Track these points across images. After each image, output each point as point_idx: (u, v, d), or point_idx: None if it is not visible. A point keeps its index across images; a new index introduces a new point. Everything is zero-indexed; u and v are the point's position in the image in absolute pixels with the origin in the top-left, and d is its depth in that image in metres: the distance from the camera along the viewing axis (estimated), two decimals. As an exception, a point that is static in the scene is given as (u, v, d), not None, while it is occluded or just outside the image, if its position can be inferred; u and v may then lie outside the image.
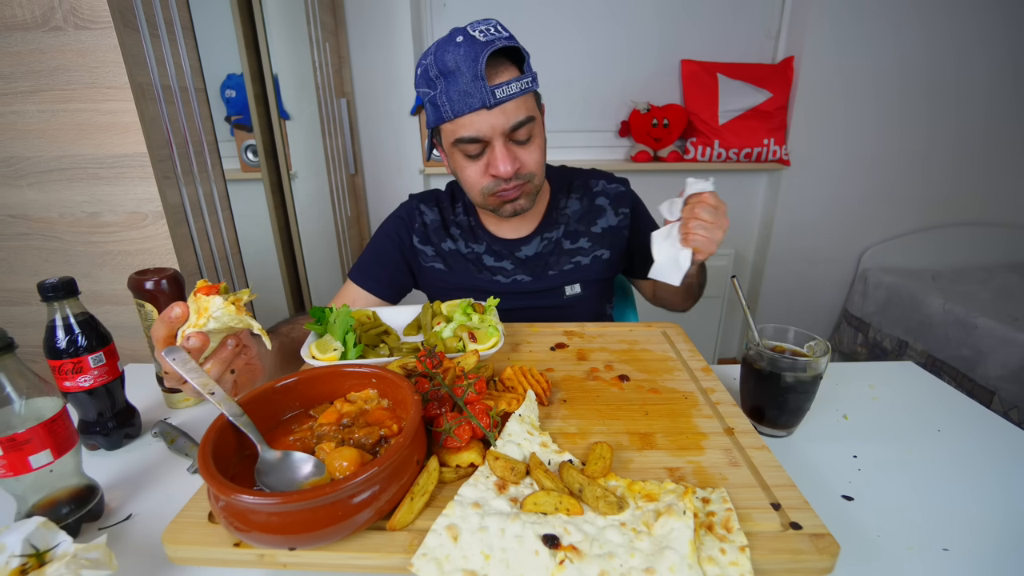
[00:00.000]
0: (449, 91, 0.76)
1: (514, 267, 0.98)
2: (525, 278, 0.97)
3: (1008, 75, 2.13)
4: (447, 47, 0.75)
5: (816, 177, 2.24)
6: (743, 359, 0.66)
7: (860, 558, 0.46)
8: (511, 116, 0.78)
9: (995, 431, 0.65)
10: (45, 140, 1.01)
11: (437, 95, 0.77)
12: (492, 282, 0.98)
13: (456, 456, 0.48)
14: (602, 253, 0.99)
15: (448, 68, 0.75)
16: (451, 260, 0.99)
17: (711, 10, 2.13)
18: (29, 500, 0.48)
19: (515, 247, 0.98)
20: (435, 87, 0.77)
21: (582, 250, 0.98)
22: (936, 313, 1.96)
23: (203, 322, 0.49)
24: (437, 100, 0.77)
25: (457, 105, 0.76)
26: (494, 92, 0.75)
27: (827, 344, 0.61)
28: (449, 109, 0.77)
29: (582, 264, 0.98)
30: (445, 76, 0.76)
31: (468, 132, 0.78)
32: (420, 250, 1.00)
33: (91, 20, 0.92)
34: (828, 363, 0.62)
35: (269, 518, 0.37)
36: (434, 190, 1.06)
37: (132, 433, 0.65)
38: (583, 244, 0.98)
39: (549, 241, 0.98)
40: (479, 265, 0.99)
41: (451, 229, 1.00)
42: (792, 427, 0.64)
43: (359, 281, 0.99)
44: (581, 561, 0.37)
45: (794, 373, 0.60)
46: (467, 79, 0.74)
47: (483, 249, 0.99)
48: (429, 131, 0.88)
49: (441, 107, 0.77)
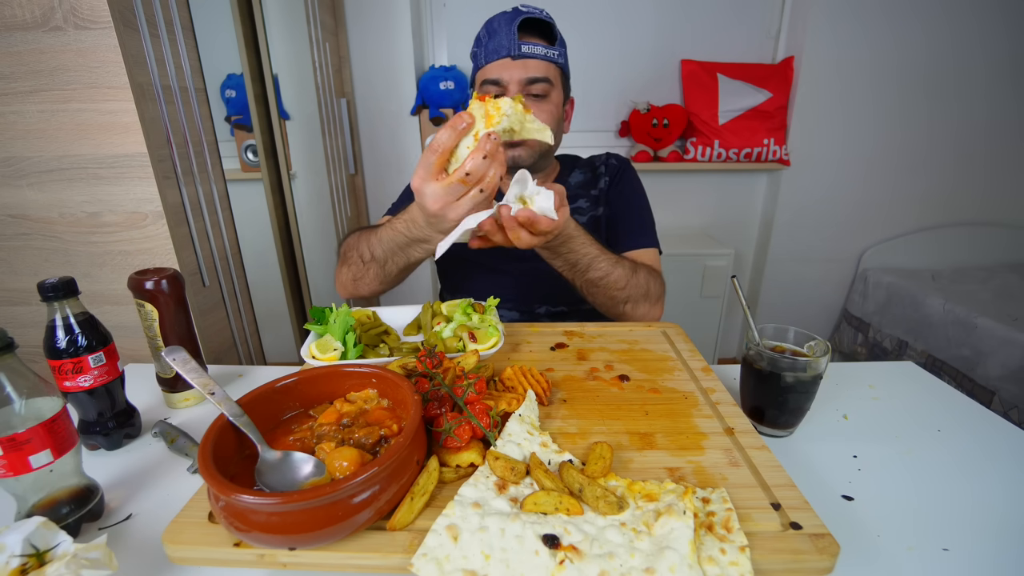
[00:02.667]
0: (488, 45, 0.92)
1: None
2: None
3: (1008, 76, 2.13)
4: (499, 15, 0.93)
5: (816, 177, 2.24)
6: (743, 359, 0.66)
7: (860, 558, 0.46)
8: (530, 70, 0.92)
9: (995, 431, 0.65)
10: (45, 140, 1.01)
11: (480, 50, 0.94)
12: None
13: (456, 456, 0.48)
14: (598, 210, 1.08)
15: (492, 28, 0.92)
16: None
17: (711, 10, 2.13)
18: (29, 500, 0.48)
19: None
20: (481, 45, 0.94)
21: (580, 209, 1.07)
22: (936, 313, 1.96)
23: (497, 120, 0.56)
24: (477, 52, 0.95)
25: (490, 53, 0.92)
26: (520, 46, 0.90)
27: (827, 344, 0.61)
28: (483, 58, 0.93)
29: (580, 221, 1.02)
30: (488, 35, 0.93)
31: (493, 75, 0.92)
32: None
33: (91, 20, 0.92)
34: (828, 363, 0.62)
35: (269, 518, 0.37)
36: None
37: (132, 433, 0.65)
38: (581, 204, 1.08)
39: None
40: None
41: None
42: (792, 427, 0.64)
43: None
44: (581, 561, 0.37)
45: (794, 373, 0.60)
46: (503, 35, 0.90)
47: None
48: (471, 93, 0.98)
49: (479, 57, 0.94)
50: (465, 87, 2.12)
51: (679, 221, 2.37)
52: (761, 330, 0.66)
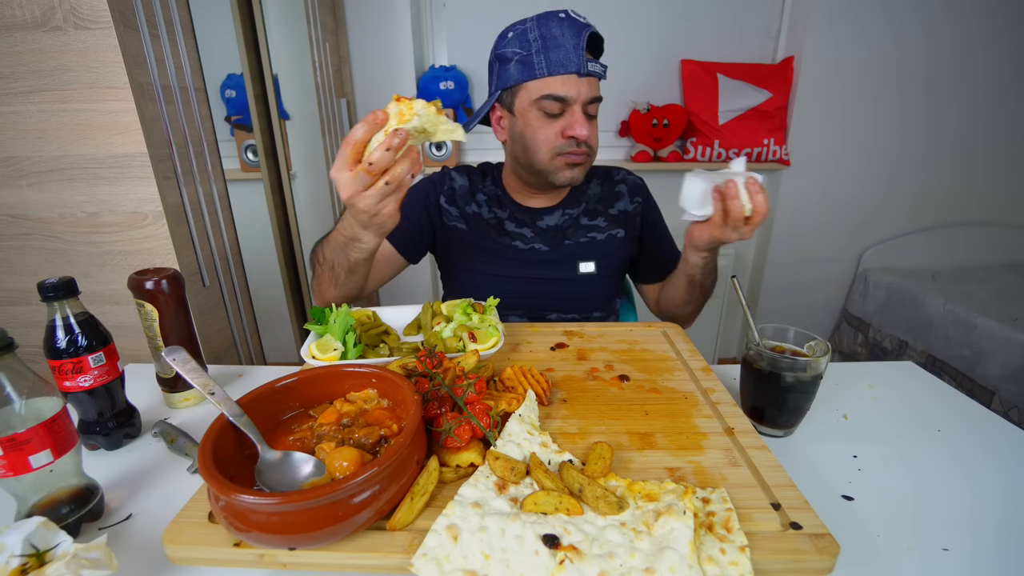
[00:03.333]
0: (548, 53, 0.85)
1: (533, 235, 1.03)
2: (542, 247, 1.02)
3: (1007, 76, 2.13)
4: (551, 19, 0.86)
5: (816, 177, 2.24)
6: (743, 359, 0.66)
7: (860, 558, 0.46)
8: (593, 89, 0.89)
9: (995, 431, 0.65)
10: (45, 140, 1.01)
11: (533, 55, 0.86)
12: (510, 247, 1.02)
13: (456, 456, 0.48)
14: (617, 232, 1.05)
15: (552, 34, 0.85)
16: (473, 223, 1.04)
17: (711, 10, 2.13)
18: (29, 500, 0.48)
19: (537, 216, 1.04)
20: (531, 48, 0.86)
21: (598, 227, 1.04)
22: (936, 313, 1.96)
23: (408, 118, 0.57)
24: (532, 59, 0.86)
25: (554, 65, 0.85)
26: (587, 64, 0.86)
27: (827, 344, 0.61)
28: (545, 67, 0.86)
29: (597, 240, 1.03)
30: (546, 40, 0.85)
31: (558, 91, 0.86)
32: (445, 209, 1.04)
33: (91, 20, 0.92)
34: (828, 363, 0.62)
35: (269, 518, 0.37)
36: (466, 165, 1.12)
37: (132, 433, 0.65)
38: (600, 223, 1.05)
39: (570, 216, 1.04)
40: (500, 229, 1.03)
41: (477, 196, 1.06)
42: (792, 427, 0.64)
43: None
44: (581, 561, 0.37)
45: (794, 373, 0.60)
46: (569, 47, 0.84)
47: (506, 215, 1.04)
48: (496, 92, 0.94)
49: (536, 65, 0.86)
50: (465, 87, 2.12)
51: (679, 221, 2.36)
52: (761, 330, 0.66)
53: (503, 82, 0.91)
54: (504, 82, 0.91)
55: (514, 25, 0.90)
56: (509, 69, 0.89)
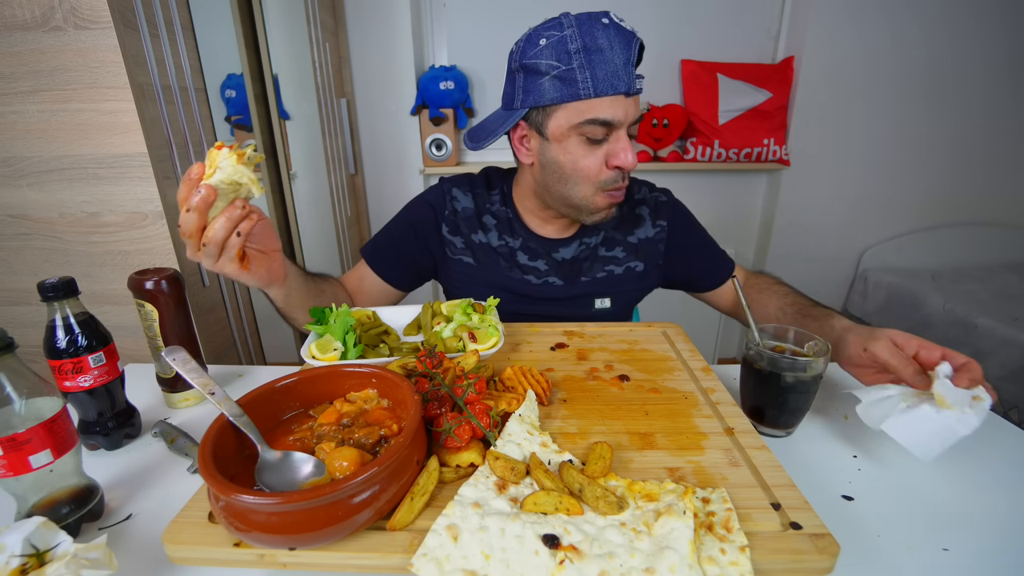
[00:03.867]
0: (595, 68, 0.72)
1: (547, 268, 0.93)
2: (557, 281, 0.93)
3: (1007, 75, 2.13)
4: (595, 25, 0.72)
5: (816, 177, 2.24)
6: (743, 359, 0.66)
7: (860, 558, 0.46)
8: (638, 109, 0.78)
9: (995, 431, 0.65)
10: (45, 140, 1.01)
11: (575, 70, 0.73)
12: (522, 281, 0.93)
13: (456, 456, 0.48)
14: (636, 265, 0.95)
15: (599, 45, 0.72)
16: (480, 254, 0.94)
17: (711, 10, 2.13)
18: (29, 500, 0.48)
19: (553, 247, 0.94)
20: (571, 61, 0.73)
21: (616, 259, 0.94)
22: (936, 313, 1.96)
23: (211, 172, 0.51)
24: (574, 75, 0.73)
25: (602, 84, 0.72)
26: (636, 81, 0.74)
27: (827, 344, 0.61)
28: (591, 86, 0.73)
29: (615, 274, 0.94)
30: (591, 53, 0.72)
31: (606, 114, 0.74)
32: (449, 240, 0.95)
33: (91, 20, 0.92)
34: (828, 363, 0.62)
35: (269, 518, 0.37)
36: (467, 174, 0.99)
37: (132, 433, 0.65)
38: (617, 253, 0.94)
39: (587, 246, 0.94)
40: (511, 261, 0.94)
41: (484, 218, 0.95)
42: (792, 427, 0.64)
43: (372, 262, 0.96)
44: (581, 561, 0.37)
45: (794, 373, 0.60)
46: (619, 61, 0.72)
47: (518, 244, 0.94)
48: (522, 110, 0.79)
49: (580, 83, 0.73)
50: (465, 87, 2.12)
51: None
52: (761, 330, 0.66)
53: (534, 99, 0.77)
54: (535, 99, 0.77)
55: (546, 28, 0.75)
56: (543, 85, 0.75)
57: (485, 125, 0.87)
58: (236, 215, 0.54)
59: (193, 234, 0.54)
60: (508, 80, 0.82)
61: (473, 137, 0.87)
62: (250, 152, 0.53)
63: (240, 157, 0.52)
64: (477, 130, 0.88)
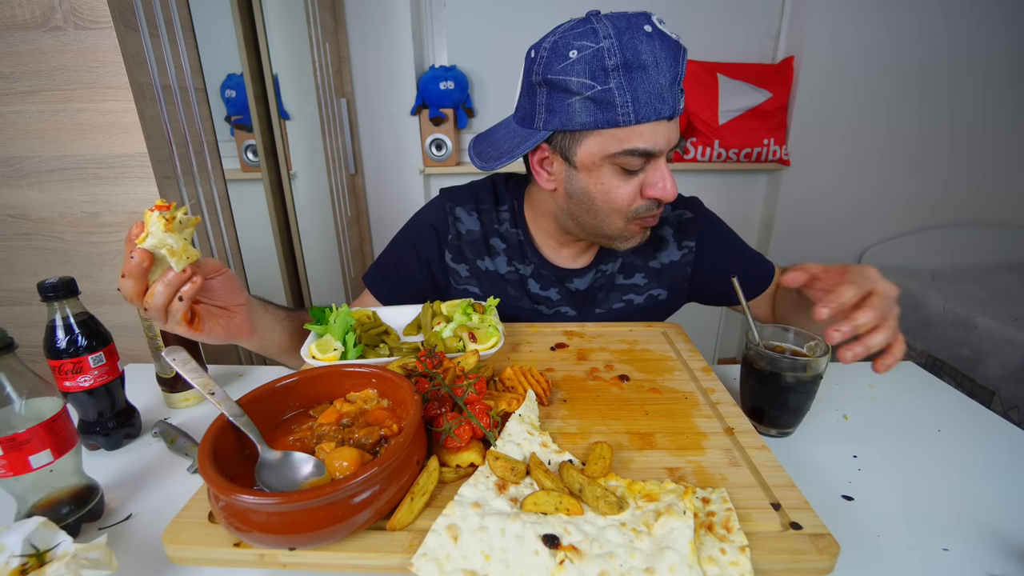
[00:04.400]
0: (636, 90, 0.62)
1: (560, 298, 0.86)
2: (569, 311, 0.87)
3: (1006, 75, 2.13)
4: (636, 34, 0.61)
5: (816, 177, 2.24)
6: (743, 359, 0.66)
7: (860, 558, 0.46)
8: (678, 131, 0.68)
9: (995, 431, 0.65)
10: (45, 140, 1.01)
11: (614, 91, 0.62)
12: (533, 311, 0.87)
13: (456, 456, 0.48)
14: (659, 293, 0.87)
15: (642, 61, 0.61)
16: (487, 282, 0.86)
17: (711, 10, 2.13)
18: (29, 500, 0.48)
19: (567, 277, 0.86)
20: (608, 80, 0.62)
21: (636, 287, 0.86)
22: (936, 313, 1.96)
23: (143, 237, 0.48)
24: (612, 98, 0.62)
25: (644, 109, 0.62)
26: (680, 102, 0.65)
27: (827, 344, 0.61)
28: (631, 112, 0.62)
29: (635, 303, 0.86)
30: (632, 70, 0.61)
31: (646, 143, 0.65)
32: (453, 269, 0.87)
33: (91, 20, 0.92)
34: (828, 363, 0.62)
35: (269, 518, 0.37)
36: (471, 186, 0.90)
37: (132, 433, 0.65)
38: (638, 280, 0.86)
39: (603, 274, 0.87)
40: (521, 290, 0.86)
41: (492, 241, 0.86)
42: (792, 427, 0.64)
43: (379, 294, 0.90)
44: (581, 561, 0.37)
45: (794, 373, 0.60)
46: (665, 80, 0.62)
47: (529, 272, 0.86)
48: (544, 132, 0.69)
49: (619, 107, 0.62)
50: (465, 87, 2.12)
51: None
52: (761, 330, 0.66)
53: (560, 121, 0.66)
54: (562, 122, 0.66)
55: (577, 36, 0.63)
56: (572, 106, 0.65)
57: (496, 141, 0.77)
58: (174, 280, 0.50)
59: (134, 299, 0.49)
60: (526, 93, 0.71)
61: (481, 154, 0.78)
62: (181, 216, 0.49)
63: (169, 223, 0.48)
64: (486, 144, 0.79)
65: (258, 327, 0.65)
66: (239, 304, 0.61)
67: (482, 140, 0.81)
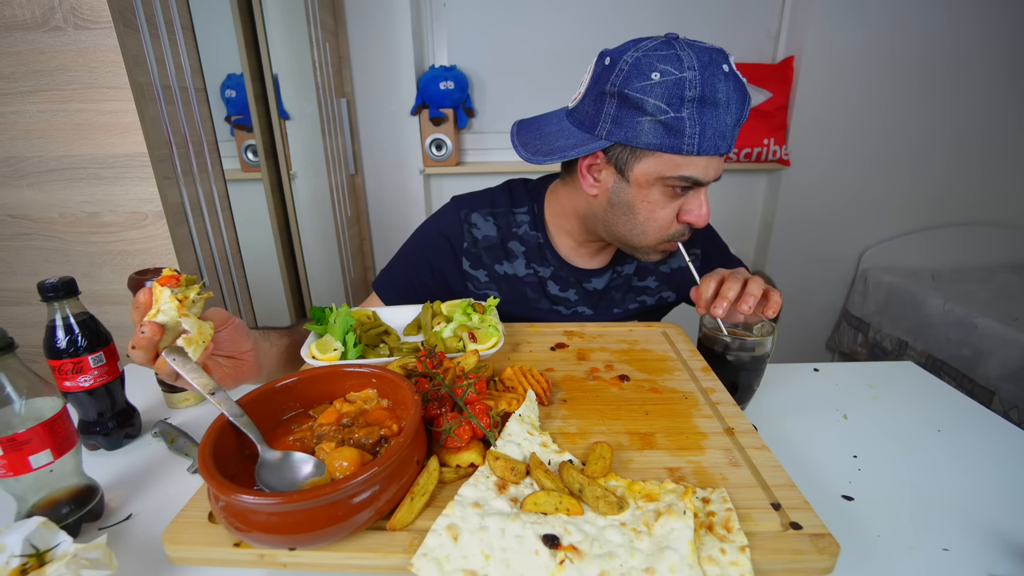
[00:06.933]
0: (705, 123, 0.65)
1: (578, 298, 0.90)
2: (587, 311, 0.90)
3: (1007, 75, 2.13)
4: (716, 71, 0.64)
5: (816, 177, 2.24)
6: (698, 342, 0.72)
7: (860, 558, 0.46)
8: (723, 166, 0.73)
9: (995, 431, 0.65)
10: (45, 140, 1.01)
11: (685, 121, 0.65)
12: (551, 312, 0.90)
13: (456, 456, 0.48)
14: (668, 295, 0.93)
15: (716, 99, 0.64)
16: (506, 286, 0.88)
17: (711, 10, 2.13)
18: (29, 500, 0.48)
19: (585, 277, 0.90)
20: (682, 109, 0.65)
21: (648, 289, 0.92)
22: (936, 313, 1.96)
23: (153, 312, 0.48)
24: (683, 127, 0.65)
25: (708, 143, 0.66)
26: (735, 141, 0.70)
27: (772, 325, 0.67)
28: (696, 144, 0.66)
29: (647, 304, 0.92)
30: (705, 105, 0.65)
31: (699, 173, 0.69)
32: (471, 275, 0.88)
33: (91, 20, 0.92)
34: (774, 343, 0.67)
35: (269, 518, 0.37)
36: (487, 192, 0.92)
37: (132, 433, 0.65)
38: (650, 283, 0.92)
39: (619, 275, 0.92)
40: (540, 292, 0.89)
41: (510, 244, 0.88)
42: (744, 404, 0.69)
43: (387, 297, 0.90)
44: (581, 561, 0.37)
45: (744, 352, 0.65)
46: (731, 121, 0.67)
47: (548, 274, 0.89)
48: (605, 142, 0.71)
49: (687, 137, 0.66)
50: (465, 87, 2.12)
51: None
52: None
53: (626, 136, 0.69)
54: (627, 137, 0.68)
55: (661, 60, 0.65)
56: (642, 125, 0.67)
57: (545, 135, 0.78)
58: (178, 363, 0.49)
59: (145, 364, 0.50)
60: (593, 98, 0.72)
61: (528, 145, 0.78)
62: (193, 295, 0.49)
63: (182, 304, 0.48)
64: (532, 134, 0.79)
65: (264, 365, 0.65)
66: (246, 351, 0.61)
67: (528, 130, 0.81)
